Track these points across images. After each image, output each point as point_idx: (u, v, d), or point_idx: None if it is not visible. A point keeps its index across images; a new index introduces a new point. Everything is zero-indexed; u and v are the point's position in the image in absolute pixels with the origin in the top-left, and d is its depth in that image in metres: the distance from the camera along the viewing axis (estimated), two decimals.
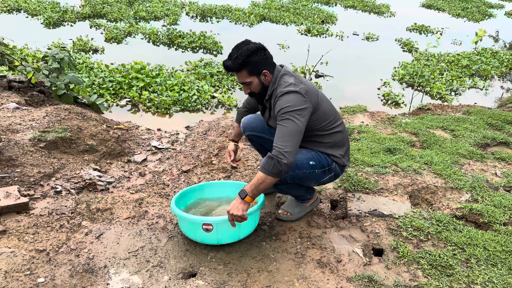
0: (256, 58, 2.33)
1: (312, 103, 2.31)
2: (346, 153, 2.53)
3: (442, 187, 3.02)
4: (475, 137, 4.04)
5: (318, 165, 2.43)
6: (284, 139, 2.18)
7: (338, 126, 2.49)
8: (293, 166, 2.34)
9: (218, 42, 8.61)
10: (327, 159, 2.46)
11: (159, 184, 3.40)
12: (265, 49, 2.39)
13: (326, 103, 2.44)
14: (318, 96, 2.39)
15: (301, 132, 2.22)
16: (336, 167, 2.50)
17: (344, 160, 2.52)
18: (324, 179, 2.50)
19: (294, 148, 2.19)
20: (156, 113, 5.55)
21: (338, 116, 2.52)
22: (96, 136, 3.94)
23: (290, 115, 2.21)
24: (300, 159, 2.37)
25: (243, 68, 2.35)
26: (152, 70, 6.53)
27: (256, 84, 2.41)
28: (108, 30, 8.75)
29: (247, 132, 2.78)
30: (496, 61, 8.80)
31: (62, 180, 3.25)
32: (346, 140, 2.56)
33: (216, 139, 4.36)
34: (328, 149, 2.45)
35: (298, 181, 2.43)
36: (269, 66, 2.40)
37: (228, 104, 5.91)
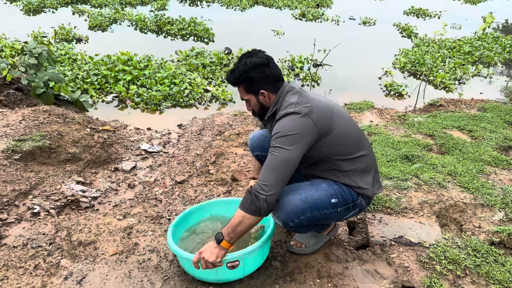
0: (253, 74, 2.02)
1: (320, 125, 1.93)
2: (375, 180, 2.14)
3: (471, 204, 2.70)
4: (496, 139, 3.73)
5: (341, 202, 2.05)
6: (267, 171, 1.87)
7: (362, 148, 2.09)
8: (311, 207, 2.00)
9: (210, 29, 8.15)
10: (352, 193, 2.07)
11: (151, 199, 3.03)
12: (267, 65, 2.04)
13: (345, 122, 2.04)
14: (332, 115, 2.00)
15: (292, 162, 1.87)
16: (362, 201, 2.11)
17: (374, 189, 2.12)
18: (346, 217, 2.15)
19: (277, 181, 1.86)
20: (145, 109, 5.14)
21: (361, 135, 2.14)
22: (79, 142, 3.54)
23: (280, 142, 1.88)
24: (320, 197, 2.01)
25: (240, 84, 2.09)
26: (140, 62, 6.09)
27: (254, 103, 2.12)
28: (92, 17, 8.22)
29: (255, 152, 2.45)
30: (499, 46, 8.47)
31: (40, 198, 2.87)
32: (373, 163, 2.16)
33: (212, 142, 3.99)
34: (352, 178, 2.07)
35: (316, 222, 2.07)
36: (269, 85, 2.05)
37: (223, 99, 5.51)
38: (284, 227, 2.03)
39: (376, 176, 2.16)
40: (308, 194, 2.00)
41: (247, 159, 3.43)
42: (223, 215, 2.47)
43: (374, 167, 2.16)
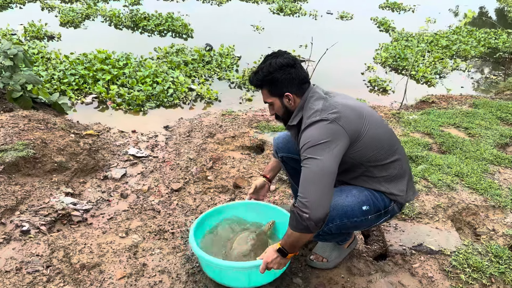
0: (279, 76, 1.92)
1: (349, 129, 1.83)
2: (409, 186, 2.03)
3: (482, 206, 2.67)
4: (493, 136, 3.74)
5: (373, 209, 1.95)
6: (305, 186, 1.75)
7: (395, 153, 1.98)
8: (341, 214, 1.90)
9: (188, 25, 7.91)
10: (384, 199, 1.96)
11: (148, 210, 2.86)
12: (293, 66, 1.94)
13: (376, 125, 1.93)
14: (361, 119, 1.89)
15: (328, 171, 1.76)
16: (395, 207, 2.01)
17: (408, 196, 2.02)
18: (376, 224, 2.06)
19: (318, 196, 1.74)
20: (128, 110, 4.91)
21: (394, 139, 2.02)
22: (65, 150, 3.32)
23: (311, 152, 1.78)
24: (350, 204, 1.91)
25: (264, 86, 1.99)
26: (118, 60, 5.82)
27: (278, 106, 2.02)
28: (63, 12, 7.83)
29: (280, 153, 2.32)
30: (474, 40, 8.63)
31: (28, 213, 2.65)
32: (407, 168, 2.05)
33: (204, 145, 3.83)
34: (384, 185, 1.96)
35: (344, 230, 1.98)
36: (295, 87, 1.96)
37: (208, 98, 5.34)
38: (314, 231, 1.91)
39: (410, 181, 2.06)
40: (338, 201, 1.90)
41: (246, 164, 3.29)
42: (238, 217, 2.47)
43: (408, 172, 2.06)
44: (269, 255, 1.89)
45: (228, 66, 6.31)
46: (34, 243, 2.35)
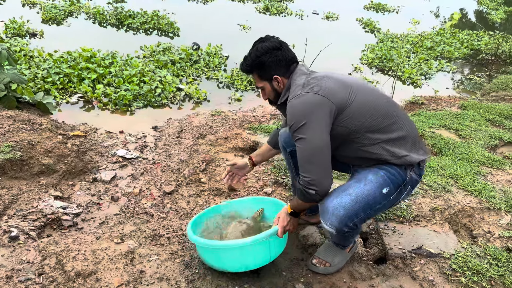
0: (265, 59, 1.97)
1: (332, 98, 1.83)
2: (415, 147, 1.95)
3: (478, 208, 2.69)
4: (483, 138, 3.79)
5: (393, 187, 1.91)
6: (304, 166, 1.83)
7: (393, 117, 1.93)
8: (364, 206, 1.86)
9: (174, 23, 7.80)
10: (400, 172, 1.91)
11: (140, 214, 2.79)
12: (279, 48, 1.98)
13: (365, 93, 1.91)
14: (346, 88, 1.88)
15: (321, 146, 1.80)
16: (412, 176, 1.94)
17: (418, 155, 1.94)
18: (399, 200, 1.99)
19: (320, 172, 1.81)
20: (115, 110, 4.80)
21: (391, 105, 1.97)
22: (52, 151, 3.22)
23: (299, 132, 1.82)
24: (370, 192, 1.86)
25: (253, 71, 2.04)
26: (104, 59, 5.69)
27: (268, 90, 2.06)
28: (45, 9, 7.62)
29: (289, 148, 2.29)
30: (457, 41, 8.76)
31: (16, 218, 2.56)
32: (410, 130, 1.97)
33: (196, 147, 3.77)
34: (387, 148, 1.88)
35: (370, 218, 1.99)
36: (283, 69, 1.99)
37: (197, 97, 5.27)
38: (337, 234, 1.93)
39: (416, 144, 1.99)
40: (358, 192, 1.88)
41: None
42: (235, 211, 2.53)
43: (412, 135, 1.98)
44: (283, 219, 2.02)
45: (216, 65, 6.25)
46: (24, 249, 2.26)
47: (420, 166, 1.98)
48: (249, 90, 5.71)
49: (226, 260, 2.04)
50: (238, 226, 2.34)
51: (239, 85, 5.71)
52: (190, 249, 2.30)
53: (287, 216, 2.03)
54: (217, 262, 2.06)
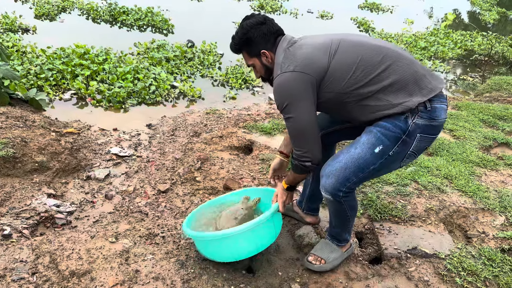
0: (252, 35, 1.99)
1: (310, 70, 1.84)
2: (416, 88, 1.81)
3: (472, 209, 2.71)
4: (477, 139, 3.82)
5: (390, 143, 1.83)
6: (296, 141, 1.94)
7: (382, 63, 1.82)
8: (355, 170, 1.89)
9: (168, 20, 7.76)
10: (397, 123, 1.81)
11: (135, 213, 2.77)
12: (263, 23, 2.01)
13: (347, 47, 1.86)
14: (325, 51, 1.86)
15: (307, 122, 1.87)
16: (418, 121, 1.81)
17: (421, 96, 1.80)
18: (410, 151, 1.88)
19: (310, 145, 1.91)
20: (108, 108, 4.76)
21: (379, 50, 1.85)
22: (46, 149, 3.18)
23: (285, 112, 1.90)
24: (361, 154, 1.87)
25: (242, 49, 2.07)
26: (97, 55, 5.64)
27: (259, 67, 2.08)
28: (38, 4, 7.54)
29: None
30: (451, 42, 8.81)
31: (9, 216, 2.53)
32: (408, 74, 1.82)
33: (190, 145, 3.75)
34: (383, 98, 1.81)
35: (369, 180, 2.05)
36: (270, 43, 2.01)
37: (192, 95, 5.24)
38: (335, 199, 1.98)
39: (419, 82, 1.83)
40: (347, 158, 1.91)
41: (236, 165, 3.24)
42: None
43: (410, 76, 1.83)
44: (281, 195, 2.16)
45: (211, 63, 6.22)
46: (17, 248, 2.24)
47: (428, 107, 1.83)
48: (244, 89, 5.70)
49: (240, 247, 2.07)
50: (232, 214, 2.35)
51: (234, 83, 5.69)
52: (185, 248, 2.29)
53: (285, 192, 2.15)
54: (230, 251, 2.08)
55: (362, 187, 2.88)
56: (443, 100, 1.88)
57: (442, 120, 1.88)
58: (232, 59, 6.51)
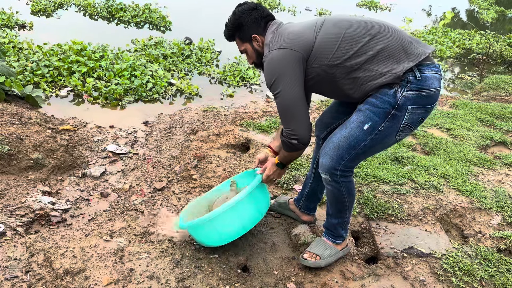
0: (243, 20, 2.06)
1: (295, 46, 1.89)
2: (403, 55, 1.82)
3: (469, 208, 2.70)
4: (474, 138, 3.81)
5: (378, 119, 1.85)
6: (284, 119, 1.97)
7: (366, 34, 1.84)
8: (347, 148, 1.93)
9: (166, 17, 7.73)
10: (384, 97, 1.83)
11: (130, 211, 2.76)
12: (254, 8, 2.08)
13: (332, 24, 1.90)
14: (311, 29, 1.92)
15: (294, 100, 1.91)
16: (408, 93, 1.81)
17: (407, 62, 1.80)
18: (401, 124, 1.87)
19: (298, 122, 1.94)
20: (105, 105, 4.74)
21: (364, 25, 1.87)
22: (41, 146, 3.16)
23: (273, 89, 1.95)
24: (351, 133, 1.92)
25: (235, 35, 2.13)
26: (94, 52, 5.62)
27: (251, 52, 2.12)
28: (34, 1, 7.50)
29: (323, 134, 2.32)
30: (449, 40, 8.81)
31: (3, 213, 2.51)
32: (395, 41, 1.83)
33: (187, 143, 3.74)
34: (370, 68, 1.82)
35: (365, 156, 2.00)
36: (261, 28, 2.06)
37: (189, 93, 5.23)
38: (334, 178, 2.02)
39: (407, 49, 1.84)
40: (339, 138, 1.97)
41: (232, 163, 3.22)
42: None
43: (397, 42, 1.84)
44: (270, 169, 2.18)
45: (208, 60, 6.20)
46: (11, 245, 2.22)
47: (418, 76, 1.82)
48: (241, 86, 5.68)
49: (225, 228, 2.12)
50: (221, 200, 2.42)
51: (232, 81, 5.68)
52: (181, 247, 2.28)
53: (273, 166, 2.17)
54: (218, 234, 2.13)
55: (359, 186, 2.88)
56: (434, 69, 1.87)
57: (435, 88, 1.87)
58: (230, 56, 6.49)
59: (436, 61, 7.58)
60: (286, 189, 2.92)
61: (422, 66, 1.83)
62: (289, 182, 2.96)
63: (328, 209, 2.21)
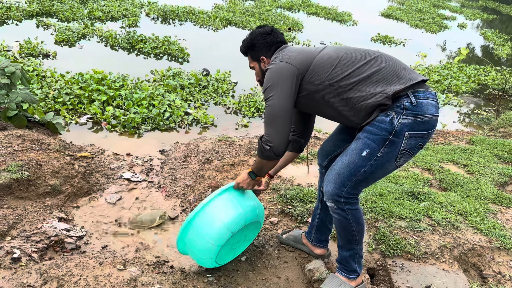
0: (256, 42, 2.24)
1: (295, 61, 2.02)
2: (395, 80, 1.90)
3: (487, 247, 2.65)
4: (492, 175, 3.76)
5: (376, 145, 1.91)
6: (266, 125, 2.05)
7: (364, 59, 1.96)
8: (348, 175, 1.99)
9: (185, 49, 7.93)
10: (381, 124, 1.89)
11: (143, 238, 2.76)
12: (269, 33, 2.24)
13: (334, 49, 2.05)
14: (313, 50, 2.08)
15: (280, 107, 1.99)
16: (403, 120, 1.86)
17: (398, 85, 1.87)
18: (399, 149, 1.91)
19: (276, 131, 2.01)
20: (123, 133, 4.83)
21: (362, 51, 2.01)
22: (59, 172, 3.22)
23: (265, 95, 2.05)
24: (350, 160, 1.97)
25: (248, 52, 2.31)
26: (114, 81, 5.76)
27: (257, 70, 2.31)
28: (59, 31, 7.78)
29: (325, 162, 2.38)
30: (464, 75, 8.81)
31: (19, 239, 2.53)
32: (389, 67, 1.93)
33: (202, 172, 3.76)
34: (361, 90, 1.90)
35: (367, 183, 2.02)
36: (271, 52, 2.22)
37: (204, 122, 5.30)
38: (339, 206, 2.05)
39: (395, 76, 1.92)
40: (340, 165, 2.04)
41: None
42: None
43: (392, 67, 1.94)
44: (241, 177, 2.26)
45: (224, 91, 6.31)
46: (26, 272, 2.23)
47: (414, 102, 1.88)
48: (256, 117, 5.74)
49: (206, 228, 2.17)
50: None
51: (247, 111, 5.74)
52: (193, 279, 2.26)
53: (245, 175, 2.26)
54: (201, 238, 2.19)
55: (375, 221, 2.84)
56: (430, 96, 1.93)
57: (431, 115, 1.91)
58: (246, 87, 6.59)
59: (451, 96, 7.60)
60: (300, 222, 2.90)
61: (418, 93, 1.91)
62: (303, 215, 2.94)
63: (339, 240, 2.21)
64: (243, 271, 2.41)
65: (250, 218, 2.27)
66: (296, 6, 14.18)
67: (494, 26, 17.00)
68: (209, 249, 2.18)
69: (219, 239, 2.17)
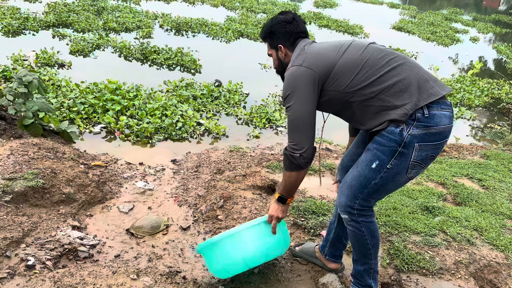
0: (276, 29, 2.17)
1: (315, 66, 1.97)
2: (420, 91, 1.86)
3: (504, 264, 2.61)
4: (507, 190, 3.72)
5: (386, 157, 1.90)
6: (290, 133, 2.01)
7: (388, 65, 1.90)
8: (359, 187, 1.98)
9: (197, 60, 8.00)
10: (391, 136, 1.87)
11: (156, 248, 2.77)
12: (290, 22, 2.17)
13: (354, 51, 1.97)
14: (334, 51, 2.00)
15: (303, 114, 1.97)
16: (414, 131, 1.84)
17: (422, 99, 1.84)
18: (411, 161, 1.89)
19: (302, 138, 1.98)
20: (136, 142, 4.87)
21: (384, 54, 1.94)
22: (74, 181, 3.25)
23: (286, 102, 2.03)
24: (361, 172, 1.97)
25: (266, 38, 2.25)
26: (128, 91, 5.83)
27: (274, 58, 2.26)
28: (74, 41, 7.92)
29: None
30: (477, 89, 8.75)
31: (34, 247, 2.56)
32: (413, 75, 1.89)
33: (213, 182, 3.77)
34: (384, 100, 1.87)
35: (378, 194, 2.01)
36: (289, 41, 2.16)
37: (216, 133, 5.32)
38: (353, 218, 2.05)
39: (422, 87, 1.88)
40: (351, 177, 2.04)
41: (258, 205, 3.22)
42: None
43: (415, 77, 1.89)
44: (272, 208, 2.19)
45: (236, 102, 6.34)
46: (39, 279, 2.25)
47: (426, 114, 1.86)
48: (268, 128, 5.75)
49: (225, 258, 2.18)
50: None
51: (258, 122, 5.76)
52: None
53: (275, 204, 2.18)
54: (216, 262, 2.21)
55: (389, 236, 2.82)
56: (444, 106, 1.91)
57: (443, 126, 1.90)
58: (257, 98, 6.62)
59: (464, 109, 7.54)
60: (313, 235, 2.89)
61: (432, 104, 1.89)
62: (317, 228, 2.93)
63: (353, 254, 2.20)
64: (255, 284, 2.40)
65: (272, 256, 2.29)
66: (307, 19, 14.26)
67: (507, 40, 16.90)
68: (221, 271, 2.24)
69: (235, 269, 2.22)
